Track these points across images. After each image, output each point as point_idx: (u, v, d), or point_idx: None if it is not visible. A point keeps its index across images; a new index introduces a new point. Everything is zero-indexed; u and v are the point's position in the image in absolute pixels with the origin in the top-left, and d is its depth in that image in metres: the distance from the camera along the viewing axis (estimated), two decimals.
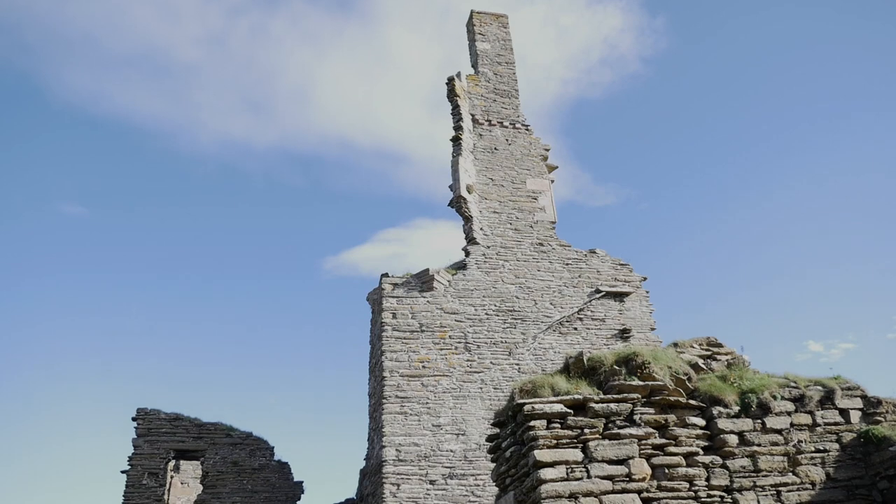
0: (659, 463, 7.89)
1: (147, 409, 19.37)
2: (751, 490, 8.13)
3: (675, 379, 8.58)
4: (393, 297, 17.98)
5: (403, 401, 16.69)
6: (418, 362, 17.20)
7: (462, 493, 15.97)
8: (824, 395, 9.04)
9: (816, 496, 8.29)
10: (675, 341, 10.03)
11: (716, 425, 8.40)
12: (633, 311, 19.51)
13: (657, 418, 8.15)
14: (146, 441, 18.88)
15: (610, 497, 7.50)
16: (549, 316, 18.75)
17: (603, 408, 8.00)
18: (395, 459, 16.06)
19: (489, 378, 17.44)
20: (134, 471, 18.51)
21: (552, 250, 19.87)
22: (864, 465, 8.61)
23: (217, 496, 18.74)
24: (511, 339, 18.11)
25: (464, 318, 18.08)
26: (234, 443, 19.45)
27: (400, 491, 15.78)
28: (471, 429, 16.67)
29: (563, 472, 7.54)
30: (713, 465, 8.14)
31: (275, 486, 19.18)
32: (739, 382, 8.99)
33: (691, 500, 7.80)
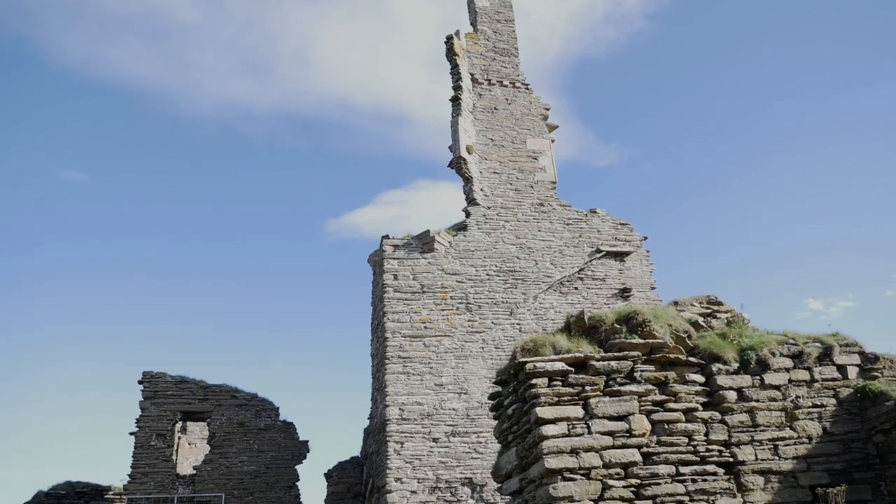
0: (659, 419, 8.01)
1: (153, 373, 19.61)
2: (748, 444, 8.27)
3: (675, 337, 8.66)
4: (394, 259, 18.03)
5: (406, 361, 16.88)
6: (420, 323, 17.34)
7: (465, 451, 16.27)
8: (822, 352, 9.14)
9: (813, 450, 8.44)
10: (676, 300, 10.09)
11: (715, 382, 8.51)
12: (633, 270, 19.58)
13: (657, 375, 8.25)
14: (153, 403, 19.15)
15: (610, 452, 7.64)
16: (550, 276, 18.83)
17: (604, 365, 8.10)
18: (398, 418, 16.32)
19: (490, 338, 17.60)
20: (142, 432, 18.82)
21: (552, 210, 19.85)
22: (861, 420, 8.75)
23: (224, 456, 19.09)
24: (512, 299, 18.23)
25: (465, 279, 18.16)
26: (240, 404, 19.73)
27: (404, 449, 16.07)
28: (472, 388, 16.89)
29: (565, 429, 7.67)
30: (712, 421, 8.27)
31: (281, 445, 19.52)
32: (739, 340, 9.08)
33: (690, 455, 7.94)
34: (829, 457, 8.44)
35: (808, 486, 8.14)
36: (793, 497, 8.07)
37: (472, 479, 15.97)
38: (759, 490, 8.03)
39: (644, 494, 7.56)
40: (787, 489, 8.11)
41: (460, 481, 15.93)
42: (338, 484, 19.70)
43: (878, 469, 8.45)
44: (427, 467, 15.96)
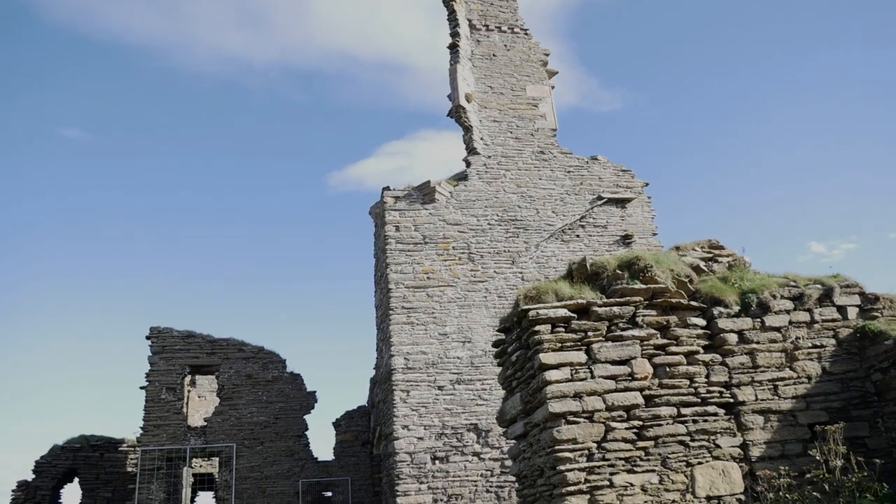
0: (660, 362, 8.12)
1: (160, 328, 19.81)
2: (749, 385, 8.41)
3: (676, 281, 8.71)
4: (395, 210, 18.01)
5: (409, 311, 17.03)
6: (423, 274, 17.43)
7: (469, 398, 16.56)
8: (823, 293, 9.20)
9: (812, 389, 8.58)
10: (677, 245, 10.11)
11: (716, 325, 8.60)
12: (634, 216, 19.56)
13: (659, 320, 8.34)
14: (161, 358, 19.42)
15: (613, 395, 7.78)
16: (552, 224, 18.83)
17: (606, 311, 8.17)
18: (403, 367, 16.56)
19: (493, 287, 17.71)
20: (152, 386, 19.14)
21: (553, 158, 19.72)
22: (860, 359, 8.87)
23: (234, 407, 19.45)
24: (514, 249, 18.27)
25: (466, 229, 18.17)
26: (247, 357, 19.99)
27: (410, 397, 16.36)
28: (476, 336, 17.09)
29: (568, 374, 7.79)
30: (713, 363, 8.38)
31: (289, 396, 19.86)
32: (740, 283, 9.13)
33: (691, 397, 8.08)
34: (828, 395, 8.58)
35: (807, 425, 8.31)
36: (792, 435, 8.25)
37: (477, 425, 16.31)
38: (758, 429, 8.20)
39: (646, 435, 7.73)
40: (787, 427, 8.28)
41: (466, 427, 16.27)
42: (346, 432, 20.13)
43: (876, 406, 8.61)
44: (433, 414, 16.28)
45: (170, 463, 18.46)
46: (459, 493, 15.69)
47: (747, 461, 8.04)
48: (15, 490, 19.92)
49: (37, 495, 19.92)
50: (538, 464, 8.01)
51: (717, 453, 7.95)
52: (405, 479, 15.69)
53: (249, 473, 18.82)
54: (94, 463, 21.08)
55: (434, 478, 15.76)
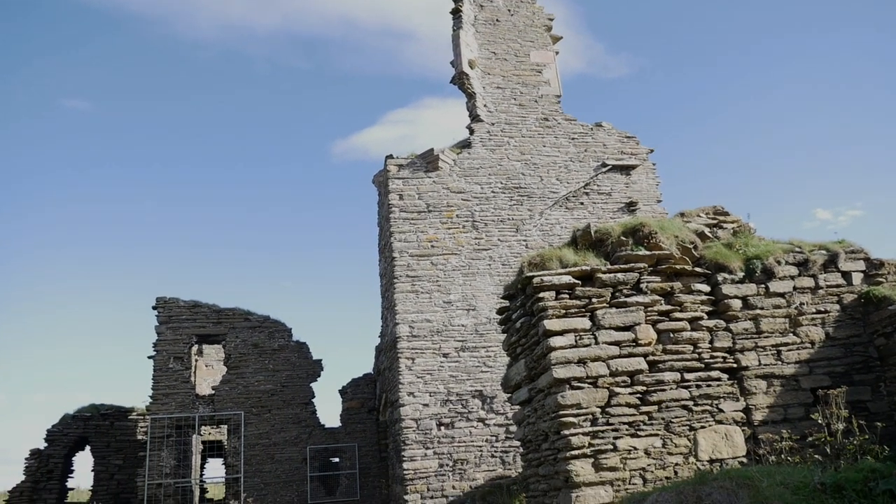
0: (664, 328, 8.16)
1: (166, 298, 19.93)
2: (752, 350, 8.45)
3: (681, 248, 8.71)
4: (399, 179, 17.94)
5: (414, 280, 17.08)
6: (427, 242, 17.43)
7: (474, 365, 16.69)
8: (828, 259, 9.19)
9: (815, 354, 8.63)
10: (682, 211, 10.08)
11: (720, 291, 8.61)
12: (639, 183, 19.46)
13: (663, 286, 8.35)
14: (168, 328, 19.57)
15: (617, 361, 7.83)
16: (556, 191, 18.75)
17: (610, 277, 8.19)
18: (408, 335, 16.67)
19: (497, 255, 17.73)
20: (160, 356, 19.32)
21: (557, 125, 19.56)
22: (863, 324, 8.89)
23: (241, 376, 19.65)
24: (518, 216, 18.23)
25: (470, 197, 18.12)
26: (253, 326, 20.13)
27: (415, 364, 16.50)
28: (481, 304, 17.15)
29: (572, 340, 7.84)
30: (717, 329, 8.42)
31: (295, 364, 20.04)
32: (745, 249, 9.12)
33: (695, 362, 8.14)
34: (831, 360, 8.63)
35: (810, 389, 8.37)
36: (794, 399, 8.32)
37: (482, 392, 16.46)
38: (761, 393, 8.27)
39: (650, 400, 7.80)
40: (789, 392, 8.35)
41: (471, 394, 16.44)
42: (352, 399, 20.35)
43: (879, 371, 8.67)
44: (438, 381, 16.43)
45: (179, 431, 18.73)
46: (465, 458, 15.91)
47: (750, 425, 8.12)
48: (28, 458, 20.27)
49: (49, 463, 20.28)
50: (543, 429, 8.11)
51: (720, 417, 8.04)
52: (411, 445, 15.91)
53: (258, 440, 19.10)
54: (105, 431, 21.40)
55: (440, 443, 15.97)
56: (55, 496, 19.79)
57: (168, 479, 18.15)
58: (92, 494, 20.62)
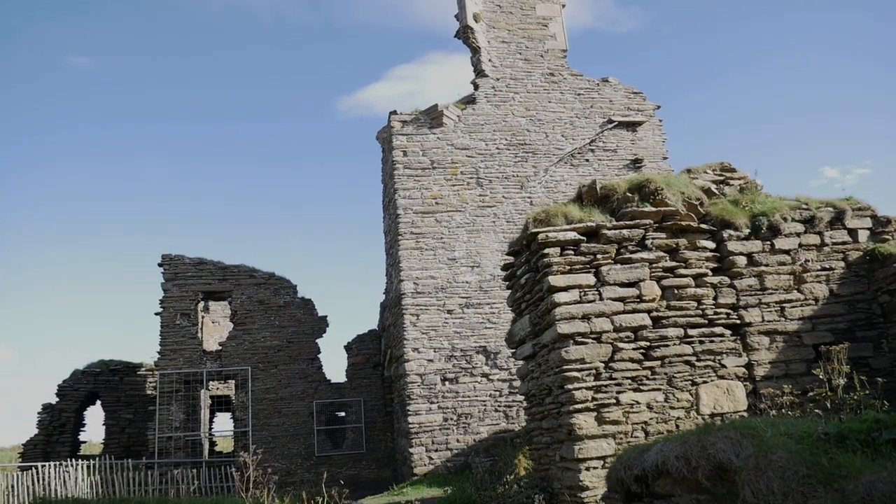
0: (668, 284, 8.18)
1: (172, 255, 20.01)
2: (756, 307, 8.48)
3: (687, 204, 8.66)
4: (402, 135, 17.80)
5: (418, 237, 17.10)
6: (431, 199, 17.39)
7: (478, 321, 16.82)
8: (834, 216, 9.14)
9: (819, 311, 8.65)
10: (689, 167, 9.99)
11: (725, 247, 8.60)
12: (645, 140, 19.28)
13: (668, 242, 8.34)
14: (174, 285, 19.70)
15: (621, 317, 7.87)
16: (561, 148, 18.60)
17: (615, 234, 8.17)
18: (413, 292, 16.77)
19: (501, 212, 17.69)
20: (167, 312, 19.50)
21: (563, 80, 19.28)
22: (867, 282, 8.89)
23: (247, 332, 19.86)
24: (522, 173, 18.13)
25: (475, 154, 18.00)
26: (258, 283, 20.25)
27: (419, 321, 16.64)
28: (485, 261, 17.20)
29: (577, 296, 7.86)
30: (721, 285, 8.43)
31: (301, 321, 20.22)
32: (751, 206, 9.07)
33: (698, 318, 8.17)
34: (834, 317, 8.66)
35: (812, 345, 8.42)
36: (796, 355, 8.38)
37: (485, 348, 16.63)
38: (763, 349, 8.33)
39: (653, 356, 7.87)
40: (792, 348, 8.41)
41: (475, 350, 16.61)
42: (357, 355, 20.59)
43: (882, 328, 8.70)
44: (442, 337, 16.59)
45: (187, 386, 19.02)
46: (469, 412, 16.16)
47: (751, 380, 8.20)
48: (41, 412, 20.65)
49: (61, 417, 20.67)
50: (546, 383, 8.21)
51: (722, 373, 8.11)
52: (416, 400, 16.15)
53: (265, 395, 19.40)
54: (115, 386, 21.75)
55: (444, 398, 16.21)
56: (68, 449, 20.22)
57: (178, 432, 18.51)
58: (104, 447, 21.07)
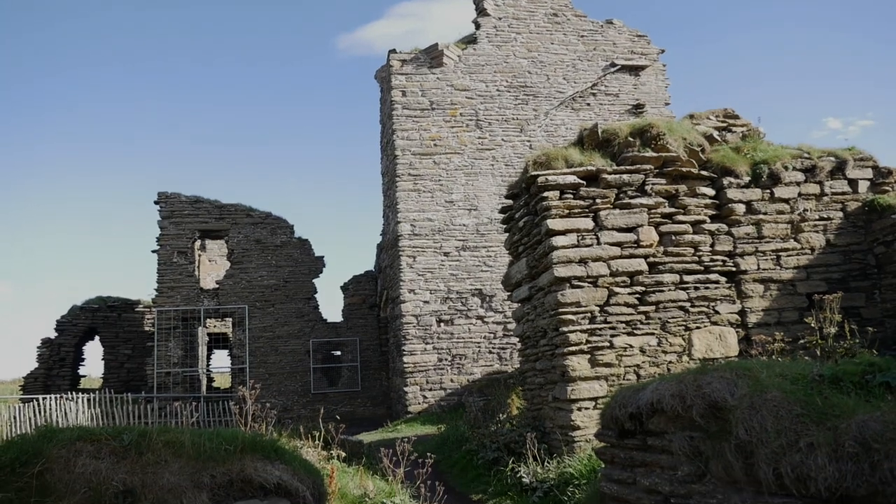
0: (667, 230, 8.19)
1: (168, 193, 19.89)
2: (752, 255, 8.52)
3: (688, 150, 8.59)
4: (402, 75, 17.49)
5: (416, 178, 17.00)
6: (429, 140, 17.21)
7: (474, 264, 16.90)
8: (836, 166, 9.10)
9: (814, 260, 8.70)
10: (691, 113, 9.88)
11: (725, 195, 8.58)
12: (648, 85, 18.99)
13: (668, 188, 8.31)
14: (171, 222, 19.64)
15: (618, 262, 7.91)
16: (562, 91, 18.32)
17: (615, 178, 8.13)
18: (410, 234, 16.78)
19: (500, 155, 17.55)
20: (164, 250, 19.51)
21: (567, 21, 18.84)
22: (864, 233, 8.92)
23: (244, 271, 19.93)
24: (523, 116, 17.91)
25: (475, 95, 17.73)
26: (255, 222, 20.21)
27: (416, 262, 16.70)
28: (482, 204, 17.15)
29: (574, 240, 7.88)
30: (718, 233, 8.45)
31: (297, 260, 20.27)
32: (752, 154, 9.01)
33: (695, 265, 8.22)
34: (829, 267, 8.72)
35: (806, 294, 8.50)
36: (789, 303, 8.47)
37: (481, 290, 16.76)
38: (757, 297, 8.41)
39: (648, 301, 7.94)
40: (785, 296, 8.49)
41: (470, 292, 16.74)
42: (354, 296, 20.74)
43: (875, 278, 8.77)
44: (439, 279, 16.69)
45: (185, 323, 19.19)
46: (463, 353, 16.41)
47: (744, 327, 8.31)
48: (40, 347, 20.86)
49: (60, 351, 20.90)
50: (541, 325, 8.30)
51: (716, 319, 8.21)
52: (411, 340, 16.36)
53: (262, 333, 19.61)
54: (113, 322, 21.93)
55: (439, 339, 16.42)
56: (68, 382, 20.53)
57: (176, 368, 18.78)
58: (103, 381, 21.39)
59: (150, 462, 3.18)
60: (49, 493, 2.97)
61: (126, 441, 3.28)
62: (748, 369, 2.62)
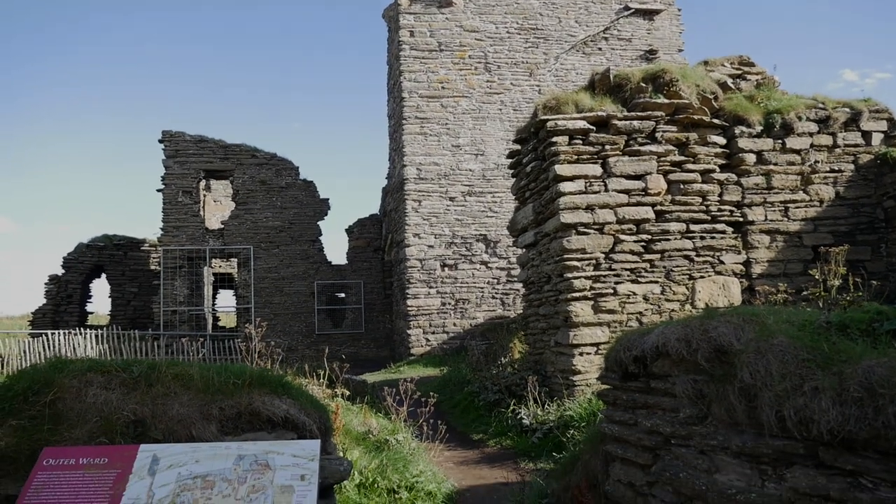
0: (675, 179, 8.12)
1: (172, 132, 19.71)
2: (760, 206, 8.48)
3: (701, 98, 8.45)
4: (410, 14, 17.08)
5: (423, 122, 16.80)
6: (437, 83, 16.93)
7: (480, 209, 16.85)
8: (850, 117, 8.96)
9: (822, 213, 8.65)
10: (706, 59, 9.66)
11: (736, 144, 8.48)
12: (661, 30, 18.53)
13: (679, 136, 8.20)
14: (176, 162, 19.54)
15: (625, 209, 7.88)
16: (574, 35, 17.91)
17: (625, 125, 8.02)
18: (415, 178, 16.68)
19: (509, 99, 17.28)
20: (168, 190, 19.46)
21: None
22: (875, 186, 8.84)
23: (249, 212, 19.92)
24: (532, 60, 17.56)
25: (484, 37, 17.35)
26: (260, 163, 20.08)
27: (421, 207, 16.66)
28: (489, 149, 16.99)
29: (582, 186, 7.83)
30: (728, 182, 8.38)
31: (302, 202, 20.23)
32: (766, 103, 8.86)
33: (702, 214, 8.19)
34: (837, 220, 8.68)
35: (811, 246, 8.49)
36: (795, 255, 8.46)
37: (486, 236, 16.76)
38: (763, 248, 8.40)
39: (653, 249, 7.94)
40: (791, 248, 8.48)
41: (475, 237, 16.74)
42: (358, 239, 20.78)
43: (882, 232, 8.73)
44: (443, 224, 16.68)
45: (191, 262, 19.30)
46: (466, 297, 16.52)
47: (748, 277, 8.33)
48: (48, 283, 21.04)
49: (68, 288, 21.09)
50: (546, 271, 8.33)
51: (720, 269, 8.22)
52: (415, 284, 16.46)
53: (267, 274, 19.74)
54: (119, 261, 22.05)
55: (443, 283, 16.51)
56: (76, 318, 20.78)
57: (182, 306, 18.99)
58: (110, 319, 21.65)
59: (160, 394, 3.23)
60: (61, 422, 3.03)
61: (136, 373, 3.33)
62: (755, 315, 2.63)
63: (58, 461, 2.75)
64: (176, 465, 2.76)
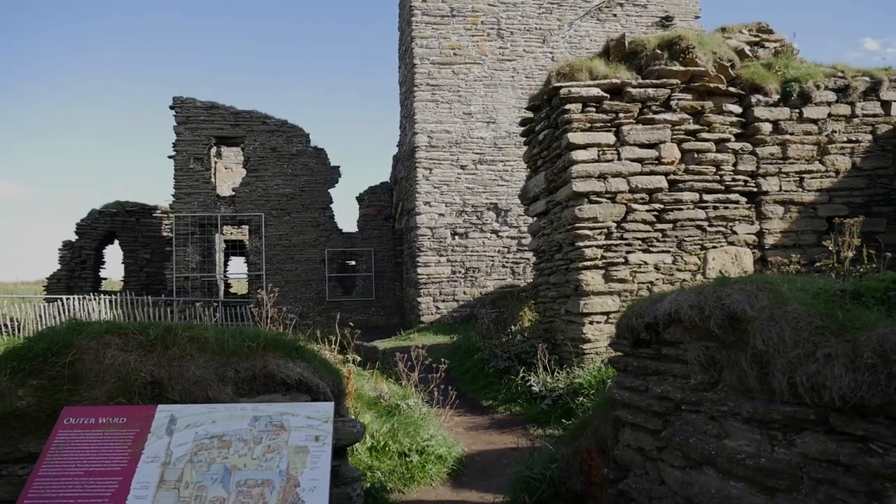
0: (689, 148, 8.04)
1: (183, 98, 19.66)
2: (775, 176, 8.39)
3: (717, 65, 8.31)
4: None
5: (434, 89, 16.65)
6: (449, 49, 16.74)
7: (491, 178, 16.78)
8: (870, 87, 8.80)
9: (838, 184, 8.56)
10: (723, 25, 9.48)
11: (752, 113, 8.36)
12: None
13: (694, 104, 8.10)
14: (187, 128, 19.52)
15: (638, 178, 7.82)
16: (588, 1, 17.61)
17: (640, 93, 7.92)
18: (426, 146, 16.60)
19: (521, 66, 17.08)
20: (180, 156, 19.49)
21: None
22: (893, 157, 8.72)
23: (260, 179, 19.94)
24: (546, 26, 17.30)
25: (497, 2, 17.08)
26: (271, 130, 20.03)
27: (432, 175, 16.61)
28: (501, 117, 16.85)
29: (595, 154, 7.77)
30: (742, 152, 8.29)
31: (313, 170, 20.22)
32: (784, 71, 8.70)
33: (716, 184, 8.12)
34: (853, 191, 8.59)
35: (826, 217, 8.42)
36: (809, 226, 8.40)
37: (497, 205, 16.72)
38: (776, 219, 8.34)
39: (665, 218, 7.90)
40: (805, 219, 8.41)
41: (486, 206, 16.70)
42: (369, 206, 20.79)
43: None
44: (454, 192, 16.64)
45: (202, 229, 19.40)
46: (477, 266, 16.55)
47: (761, 248, 8.29)
48: (62, 249, 21.24)
49: (81, 254, 21.29)
50: (557, 240, 8.32)
51: (733, 239, 8.18)
52: (426, 252, 16.49)
53: (278, 241, 19.83)
54: (132, 227, 22.20)
55: (453, 251, 16.54)
56: (90, 284, 21.01)
57: (194, 273, 19.14)
58: (123, 284, 21.87)
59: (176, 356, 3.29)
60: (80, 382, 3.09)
61: (152, 335, 3.38)
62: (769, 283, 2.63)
63: (78, 420, 2.81)
64: (193, 426, 2.81)
